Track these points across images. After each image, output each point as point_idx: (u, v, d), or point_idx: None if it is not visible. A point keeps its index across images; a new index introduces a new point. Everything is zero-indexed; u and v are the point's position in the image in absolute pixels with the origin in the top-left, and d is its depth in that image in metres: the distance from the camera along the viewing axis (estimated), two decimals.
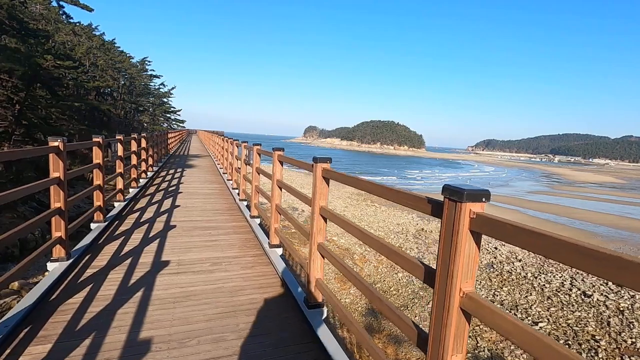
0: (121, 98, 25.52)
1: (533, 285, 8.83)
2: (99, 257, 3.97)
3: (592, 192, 37.60)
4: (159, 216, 5.88)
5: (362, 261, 9.10)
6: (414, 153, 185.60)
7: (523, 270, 9.80)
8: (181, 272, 3.69)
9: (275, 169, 4.24)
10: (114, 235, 4.79)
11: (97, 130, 18.34)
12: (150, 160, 10.70)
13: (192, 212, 6.23)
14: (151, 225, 5.33)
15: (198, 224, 5.53)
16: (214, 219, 5.93)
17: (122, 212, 6.04)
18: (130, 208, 6.38)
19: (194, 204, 6.89)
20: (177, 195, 7.77)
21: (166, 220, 5.60)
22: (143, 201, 7.00)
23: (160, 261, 3.94)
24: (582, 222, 19.28)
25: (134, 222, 5.46)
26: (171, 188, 8.63)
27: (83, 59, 19.79)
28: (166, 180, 9.97)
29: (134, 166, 8.12)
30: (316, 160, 2.77)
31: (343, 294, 7.16)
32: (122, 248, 4.30)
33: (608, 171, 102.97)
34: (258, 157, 5.71)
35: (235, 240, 4.91)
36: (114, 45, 26.37)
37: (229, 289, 3.37)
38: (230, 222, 5.81)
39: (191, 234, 5.00)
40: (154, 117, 34.36)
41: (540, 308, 7.45)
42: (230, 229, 5.43)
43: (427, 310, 6.93)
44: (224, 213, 6.39)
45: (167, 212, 6.12)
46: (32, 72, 7.89)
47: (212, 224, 5.60)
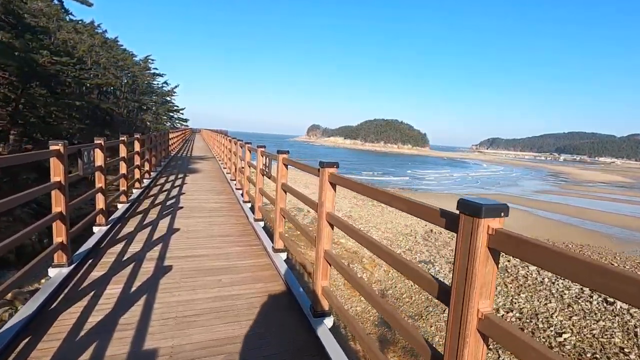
0: (124, 97, 25.26)
1: (551, 291, 8.42)
2: None
3: (600, 192, 36.96)
4: (150, 249, 4.39)
5: (372, 265, 8.73)
6: (418, 152, 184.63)
7: (539, 274, 9.38)
8: None
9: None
10: (58, 310, 2.96)
11: (99, 129, 18.06)
12: (146, 166, 9.64)
13: (195, 241, 4.87)
14: (135, 270, 3.69)
15: (202, 262, 4.10)
16: (223, 252, 4.47)
17: (100, 243, 4.44)
18: (113, 237, 4.77)
19: (197, 227, 5.53)
20: (176, 212, 6.38)
21: (159, 257, 4.13)
22: (132, 223, 5.49)
23: None
24: (594, 223, 18.79)
25: (110, 264, 3.82)
26: (169, 202, 7.28)
27: (85, 57, 19.54)
28: (164, 190, 8.60)
29: (123, 176, 6.58)
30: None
31: (354, 302, 6.81)
32: None
33: (615, 170, 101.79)
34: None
35: (260, 295, 3.35)
36: (117, 44, 26.13)
37: None
38: (246, 257, 4.37)
39: (193, 284, 3.49)
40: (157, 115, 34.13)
41: (562, 317, 7.04)
42: (248, 271, 3.94)
43: (444, 318, 6.55)
44: (237, 241, 4.97)
45: (162, 242, 4.68)
46: (27, 68, 7.58)
47: (221, 261, 4.14)
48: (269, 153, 5.11)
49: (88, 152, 4.35)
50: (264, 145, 5.68)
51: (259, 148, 5.08)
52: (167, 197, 7.74)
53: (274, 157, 4.34)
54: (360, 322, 6.57)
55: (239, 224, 5.86)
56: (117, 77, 23.74)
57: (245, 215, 6.32)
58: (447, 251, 11.02)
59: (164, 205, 6.93)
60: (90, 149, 4.44)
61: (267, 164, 5.12)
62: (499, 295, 7.92)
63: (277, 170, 4.21)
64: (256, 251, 4.62)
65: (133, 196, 7.28)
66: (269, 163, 5.06)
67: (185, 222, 5.75)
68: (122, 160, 6.59)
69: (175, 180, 10.06)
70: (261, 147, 5.38)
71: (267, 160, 5.14)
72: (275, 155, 4.22)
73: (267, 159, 5.12)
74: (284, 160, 4.11)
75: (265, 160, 5.17)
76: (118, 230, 5.12)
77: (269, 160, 5.04)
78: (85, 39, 19.51)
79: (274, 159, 4.42)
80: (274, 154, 4.40)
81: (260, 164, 5.24)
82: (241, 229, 5.55)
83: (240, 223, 5.90)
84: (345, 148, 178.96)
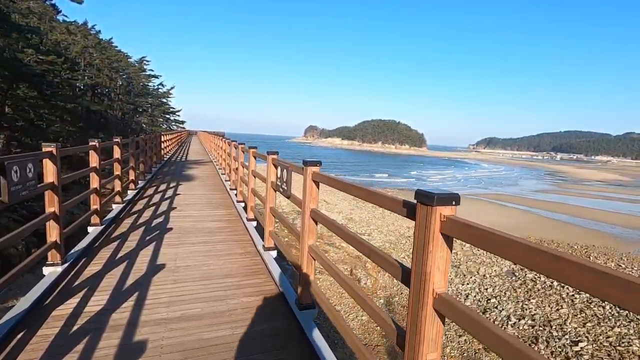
0: (119, 99, 24.86)
1: (562, 295, 8.15)
2: None
3: (599, 191, 36.87)
4: (116, 309, 2.91)
5: (376, 270, 8.42)
6: (416, 152, 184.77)
7: (548, 278, 9.11)
8: None
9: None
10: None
11: (93, 132, 17.69)
12: (131, 175, 8.00)
13: (185, 288, 3.41)
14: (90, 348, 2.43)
15: (195, 332, 2.67)
16: (226, 309, 3.05)
17: (54, 287, 3.23)
18: (62, 291, 3.19)
19: (189, 260, 4.12)
20: (163, 236, 4.94)
21: (129, 323, 2.74)
22: (100, 259, 4.01)
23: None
24: (597, 223, 18.58)
25: (62, 324, 2.68)
26: (156, 221, 5.75)
27: (78, 59, 19.16)
28: (151, 204, 7.01)
29: (95, 192, 5.10)
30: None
31: (345, 296, 6.64)
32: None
33: (611, 168, 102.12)
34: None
35: None
36: (111, 44, 25.73)
37: None
38: (265, 318, 2.97)
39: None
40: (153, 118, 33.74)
41: (575, 324, 6.77)
42: (267, 338, 2.68)
43: (454, 328, 6.25)
44: (245, 282, 3.65)
45: (136, 293, 3.22)
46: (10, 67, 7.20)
47: (223, 329, 2.72)
48: (283, 162, 3.70)
49: (22, 165, 2.82)
50: (277, 152, 4.37)
51: (270, 155, 4.05)
52: (153, 214, 6.22)
53: (285, 164, 3.54)
54: (349, 314, 6.37)
55: (244, 254, 4.49)
56: (111, 79, 23.35)
57: (251, 241, 5.02)
58: (453, 256, 10.74)
59: (149, 227, 5.41)
60: (29, 161, 2.92)
61: (284, 176, 3.55)
62: (509, 301, 7.64)
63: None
64: (275, 306, 3.18)
65: (111, 214, 5.83)
66: (287, 176, 3.45)
67: (174, 252, 4.33)
68: (93, 171, 5.10)
69: (166, 190, 8.56)
70: (272, 153, 4.20)
71: (282, 172, 3.67)
72: (298, 168, 3.18)
73: (283, 170, 3.60)
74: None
75: (281, 172, 3.73)
76: (72, 279, 3.47)
77: (287, 172, 3.46)
78: (78, 39, 19.09)
79: (285, 168, 3.50)
80: (285, 162, 3.61)
81: (271, 176, 4.16)
82: (248, 266, 4.12)
83: (247, 253, 4.53)
84: (343, 149, 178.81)
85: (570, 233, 16.00)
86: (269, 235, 4.39)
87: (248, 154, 5.81)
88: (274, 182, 4.16)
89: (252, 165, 5.72)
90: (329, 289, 6.97)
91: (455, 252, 10.96)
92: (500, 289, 8.38)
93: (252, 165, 5.67)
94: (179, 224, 5.58)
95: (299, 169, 3.02)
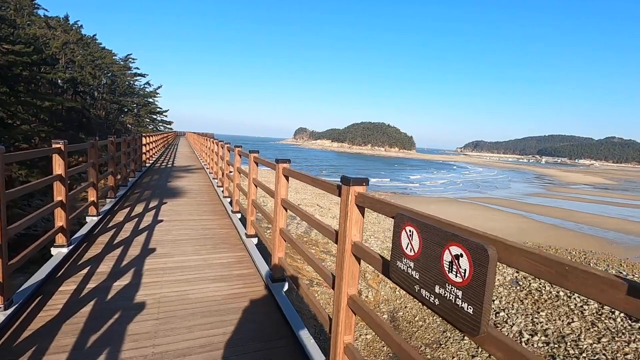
0: (102, 97, 23.79)
1: (570, 306, 7.77)
2: None
3: (587, 194, 37.30)
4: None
5: (376, 281, 7.90)
6: (405, 155, 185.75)
7: (553, 287, 8.75)
8: None
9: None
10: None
11: (73, 132, 16.73)
12: (91, 195, 5.23)
13: None
14: None
15: None
16: None
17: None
18: None
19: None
20: (126, 324, 2.67)
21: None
22: None
23: None
24: (591, 227, 18.51)
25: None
26: (119, 285, 3.31)
27: (58, 55, 18.18)
28: (118, 243, 4.48)
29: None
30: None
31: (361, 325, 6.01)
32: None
33: (595, 172, 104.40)
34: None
35: None
36: (95, 41, 24.67)
37: None
38: None
39: None
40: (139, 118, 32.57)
41: (590, 339, 6.36)
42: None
43: (465, 346, 5.76)
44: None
45: None
46: None
47: None
48: None
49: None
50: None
51: None
52: (116, 267, 3.72)
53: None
54: (359, 334, 5.76)
55: None
56: (94, 77, 22.33)
57: None
58: None
59: (102, 301, 3.00)
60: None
61: None
62: (517, 314, 7.20)
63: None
64: None
65: (46, 270, 3.43)
66: None
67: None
68: None
69: (143, 214, 5.93)
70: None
71: None
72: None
73: None
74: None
75: None
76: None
77: None
78: (58, 34, 18.11)
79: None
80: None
81: None
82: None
83: None
84: (333, 151, 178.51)
85: (566, 238, 15.82)
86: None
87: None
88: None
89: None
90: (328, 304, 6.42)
91: None
92: (507, 300, 7.95)
93: (282, 189, 3.41)
94: (153, 294, 3.17)
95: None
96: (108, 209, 5.98)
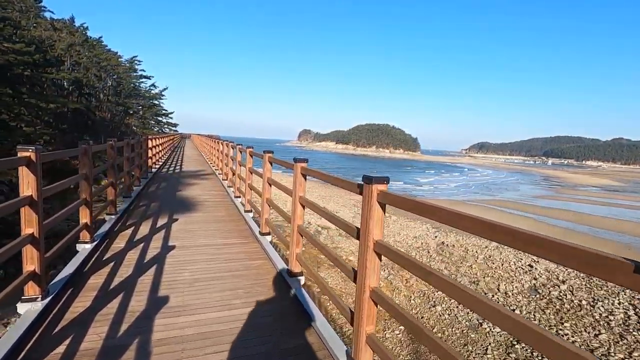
0: (107, 99, 23.73)
1: (594, 316, 7.37)
2: None
3: (596, 196, 36.64)
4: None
5: (389, 289, 7.57)
6: (410, 156, 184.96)
7: (574, 295, 8.35)
8: None
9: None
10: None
11: (77, 135, 16.62)
12: (84, 215, 4.20)
13: None
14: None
15: None
16: None
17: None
18: None
19: None
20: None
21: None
22: None
23: None
24: (606, 231, 18.02)
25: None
26: None
27: (64, 57, 18.09)
28: (118, 282, 3.49)
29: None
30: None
31: None
32: None
33: (603, 173, 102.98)
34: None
35: None
36: (100, 43, 24.64)
37: None
38: None
39: None
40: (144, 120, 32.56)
41: (621, 354, 5.98)
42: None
43: (487, 357, 5.41)
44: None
45: None
46: None
47: None
48: None
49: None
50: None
51: None
52: (108, 340, 2.54)
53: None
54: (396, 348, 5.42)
55: None
56: (100, 79, 22.29)
57: None
58: (465, 268, 9.96)
59: None
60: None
61: None
62: (541, 326, 6.83)
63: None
64: None
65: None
66: None
67: None
68: None
69: (149, 238, 4.93)
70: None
71: None
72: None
73: None
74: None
75: None
76: None
77: None
78: (64, 36, 18.04)
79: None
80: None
81: None
82: None
83: None
84: (337, 153, 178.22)
85: (580, 242, 15.36)
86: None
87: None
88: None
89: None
90: None
91: (470, 265, 10.19)
92: (528, 310, 7.58)
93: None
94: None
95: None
96: (106, 230, 5.01)
